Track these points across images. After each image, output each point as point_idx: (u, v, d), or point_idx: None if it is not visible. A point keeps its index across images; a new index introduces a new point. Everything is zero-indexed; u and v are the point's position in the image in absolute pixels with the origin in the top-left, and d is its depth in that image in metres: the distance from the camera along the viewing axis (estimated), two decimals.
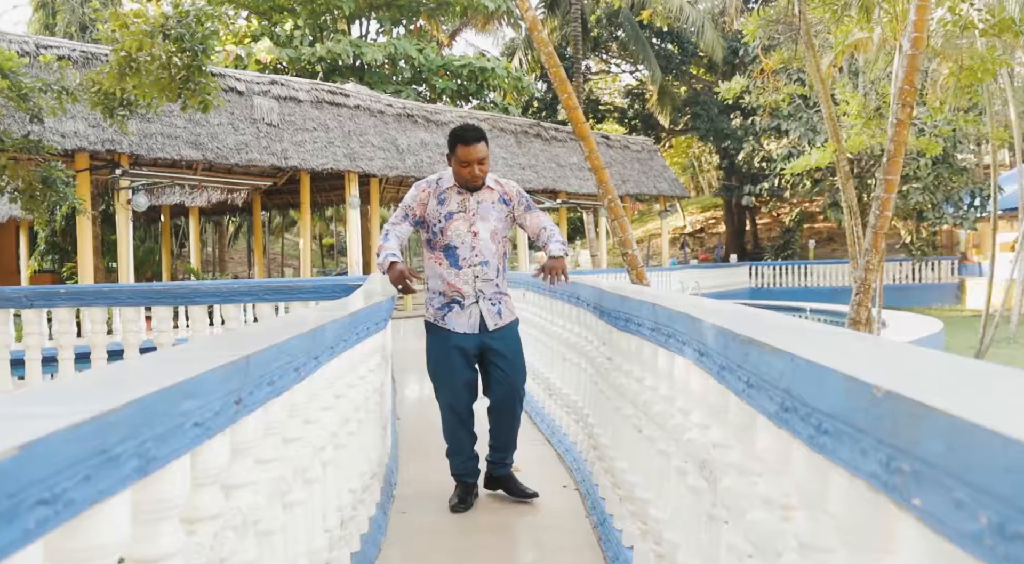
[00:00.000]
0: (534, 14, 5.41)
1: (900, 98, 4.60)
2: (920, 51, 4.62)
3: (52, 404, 1.00)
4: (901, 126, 4.54)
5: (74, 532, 0.98)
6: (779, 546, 1.43)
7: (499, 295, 3.81)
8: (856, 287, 5.17)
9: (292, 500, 2.02)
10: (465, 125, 3.78)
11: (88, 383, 1.18)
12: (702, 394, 2.02)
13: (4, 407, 0.97)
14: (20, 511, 0.80)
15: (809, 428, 1.14)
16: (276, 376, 1.72)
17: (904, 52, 4.59)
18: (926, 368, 1.03)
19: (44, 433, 0.82)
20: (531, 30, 5.32)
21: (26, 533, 0.82)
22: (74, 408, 0.94)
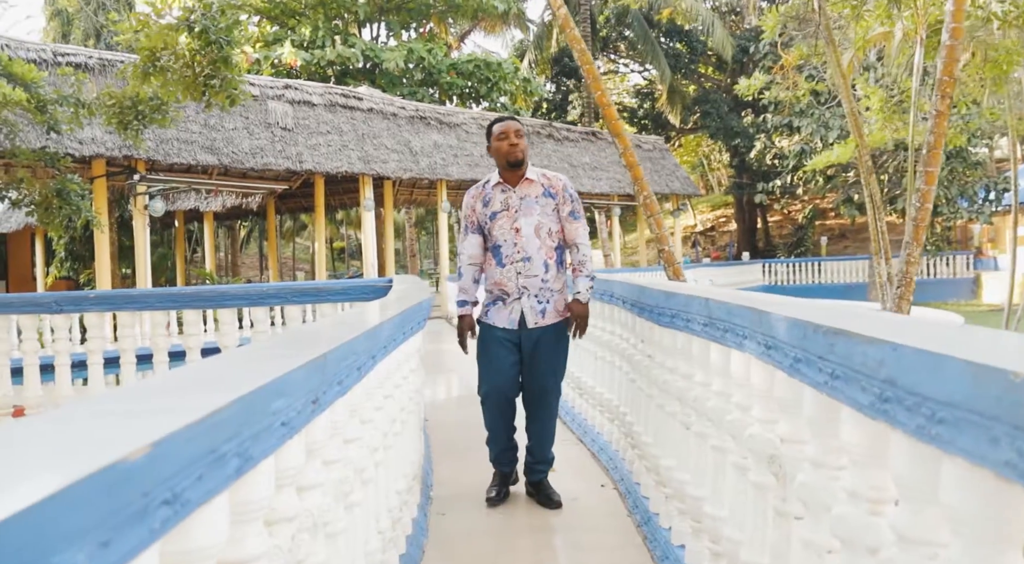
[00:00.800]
0: (566, 11, 5.38)
1: (939, 89, 4.56)
2: (959, 42, 4.58)
3: (162, 401, 0.98)
4: (941, 117, 4.51)
5: (182, 534, 0.96)
6: (870, 540, 1.40)
7: (548, 293, 3.74)
8: (897, 281, 5.12)
9: (353, 501, 2.01)
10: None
11: (185, 381, 1.17)
12: (767, 388, 1.99)
13: (117, 403, 0.95)
14: (149, 510, 0.78)
15: (918, 418, 1.11)
16: (344, 375, 1.70)
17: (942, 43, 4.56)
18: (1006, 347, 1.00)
19: (170, 430, 0.80)
20: (563, 27, 5.30)
21: (152, 533, 0.80)
22: (188, 404, 0.92)
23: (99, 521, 0.68)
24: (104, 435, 0.79)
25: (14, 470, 0.67)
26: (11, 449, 0.74)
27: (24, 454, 0.72)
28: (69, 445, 0.75)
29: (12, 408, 5.33)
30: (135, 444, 0.74)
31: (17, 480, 0.63)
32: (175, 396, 1.03)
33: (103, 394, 1.06)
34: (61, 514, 0.62)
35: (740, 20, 31.74)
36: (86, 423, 0.85)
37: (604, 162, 21.30)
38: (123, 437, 0.77)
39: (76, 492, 0.64)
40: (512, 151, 3.70)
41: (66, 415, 0.88)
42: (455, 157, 17.06)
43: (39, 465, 0.68)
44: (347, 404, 1.88)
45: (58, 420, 0.85)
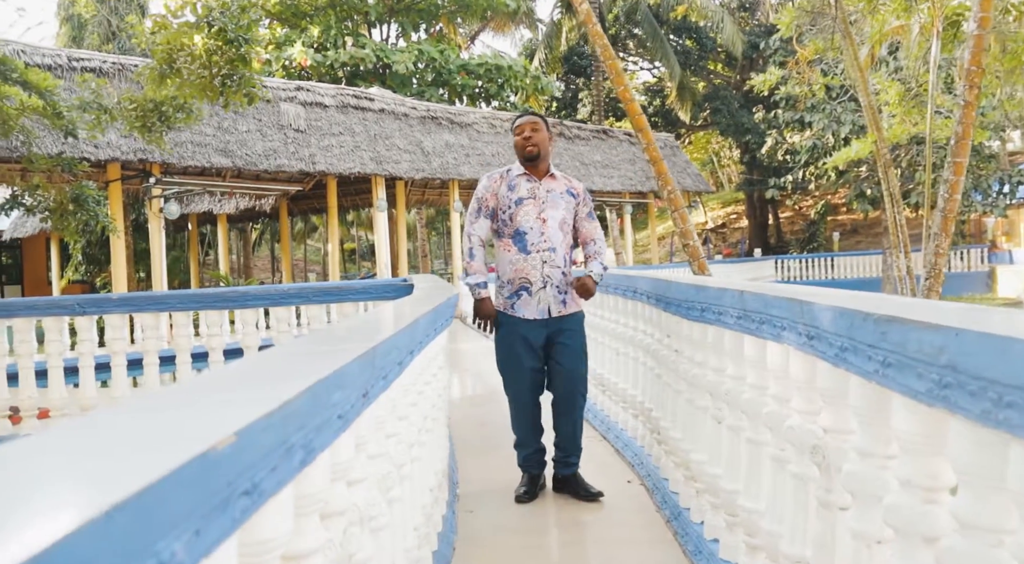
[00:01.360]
0: (588, 6, 5.36)
1: (967, 79, 4.53)
2: (987, 31, 4.55)
3: (231, 392, 0.98)
4: (969, 107, 4.48)
5: (253, 526, 0.96)
6: (925, 529, 1.39)
7: (565, 285, 3.81)
8: (927, 273, 5.09)
9: (393, 496, 2.01)
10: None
11: (247, 373, 1.17)
12: (807, 379, 1.98)
13: (188, 394, 0.95)
14: (231, 499, 0.78)
15: (984, 403, 1.10)
16: (388, 370, 1.70)
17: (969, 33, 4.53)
18: None
19: (249, 420, 0.80)
20: (585, 22, 5.28)
21: (233, 523, 0.80)
22: (258, 395, 0.92)
23: (193, 509, 0.68)
24: (191, 425, 0.79)
25: (114, 458, 0.67)
26: (106, 439, 0.74)
27: (120, 443, 0.72)
28: (161, 434, 0.75)
29: (37, 410, 5.37)
30: (222, 433, 0.74)
31: (119, 468, 0.64)
32: (248, 387, 1.03)
33: (176, 386, 1.06)
34: (163, 501, 0.62)
35: (750, 16, 31.63)
36: (175, 412, 0.85)
37: (615, 160, 21.27)
38: (210, 426, 0.77)
39: (175, 480, 0.64)
40: (525, 144, 3.78)
41: (150, 405, 0.88)
42: (467, 157, 17.07)
43: (135, 455, 0.68)
44: (389, 399, 1.88)
45: (144, 410, 0.85)
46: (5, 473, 0.63)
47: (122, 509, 0.56)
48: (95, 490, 0.57)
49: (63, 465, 0.65)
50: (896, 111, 9.23)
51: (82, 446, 0.70)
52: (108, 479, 0.60)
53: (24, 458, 0.67)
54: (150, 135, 8.18)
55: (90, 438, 0.73)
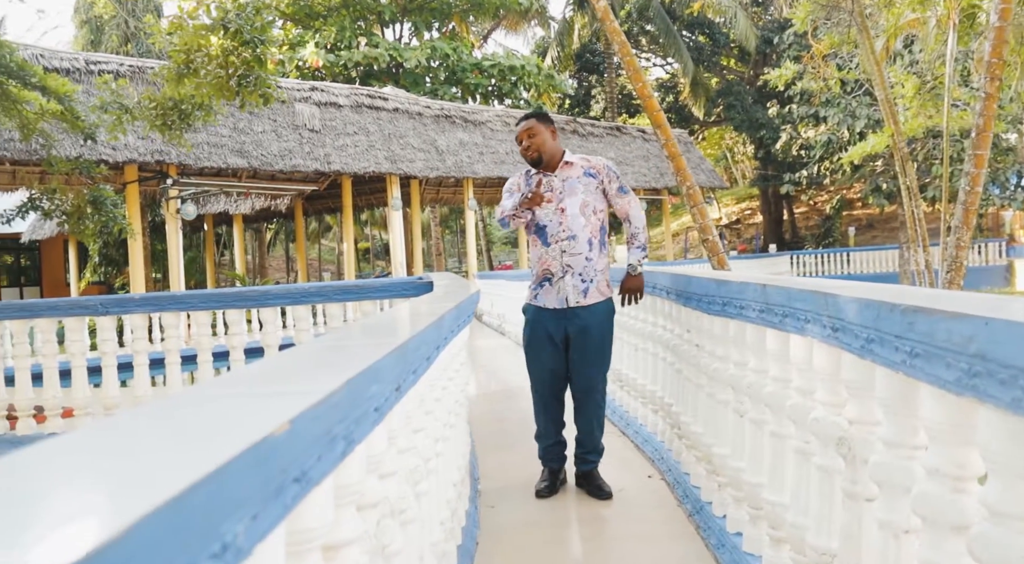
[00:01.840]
0: (606, 4, 5.36)
1: (988, 71, 4.50)
2: (1008, 23, 4.51)
3: (282, 384, 1.01)
4: (990, 100, 4.45)
5: (298, 514, 0.99)
6: (954, 517, 1.40)
7: (592, 271, 3.76)
8: (948, 266, 5.07)
9: (421, 490, 2.03)
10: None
11: (288, 367, 1.19)
12: (832, 371, 1.99)
13: (239, 386, 0.98)
14: (284, 486, 0.81)
15: (1015, 391, 1.12)
16: (417, 364, 1.73)
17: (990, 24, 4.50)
18: None
19: (300, 410, 0.83)
20: (603, 19, 5.29)
21: (284, 509, 0.82)
22: (305, 388, 0.94)
23: (253, 493, 0.71)
24: (248, 413, 0.82)
25: (179, 443, 0.69)
26: (168, 427, 0.76)
27: (181, 431, 0.75)
28: (221, 423, 0.78)
29: (61, 410, 5.43)
30: (277, 421, 0.77)
31: (185, 452, 0.66)
32: (291, 380, 1.05)
33: (225, 378, 1.09)
34: (228, 485, 0.64)
35: (763, 11, 31.48)
36: (227, 402, 0.88)
37: (629, 156, 21.25)
38: (264, 415, 0.79)
39: (239, 464, 0.66)
40: (525, 153, 3.83)
41: (203, 396, 0.90)
42: (481, 155, 17.10)
43: (199, 441, 0.71)
44: (417, 393, 1.91)
45: (197, 401, 0.87)
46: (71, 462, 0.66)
47: (194, 491, 0.59)
48: (168, 473, 0.59)
49: (137, 452, 0.68)
50: (912, 105, 9.16)
51: (150, 435, 0.73)
52: (179, 464, 0.63)
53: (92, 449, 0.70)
54: (170, 133, 8.25)
55: (156, 428, 0.76)
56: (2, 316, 5.38)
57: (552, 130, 3.86)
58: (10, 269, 24.10)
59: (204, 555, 0.61)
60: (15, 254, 24.00)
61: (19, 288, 23.77)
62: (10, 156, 10.38)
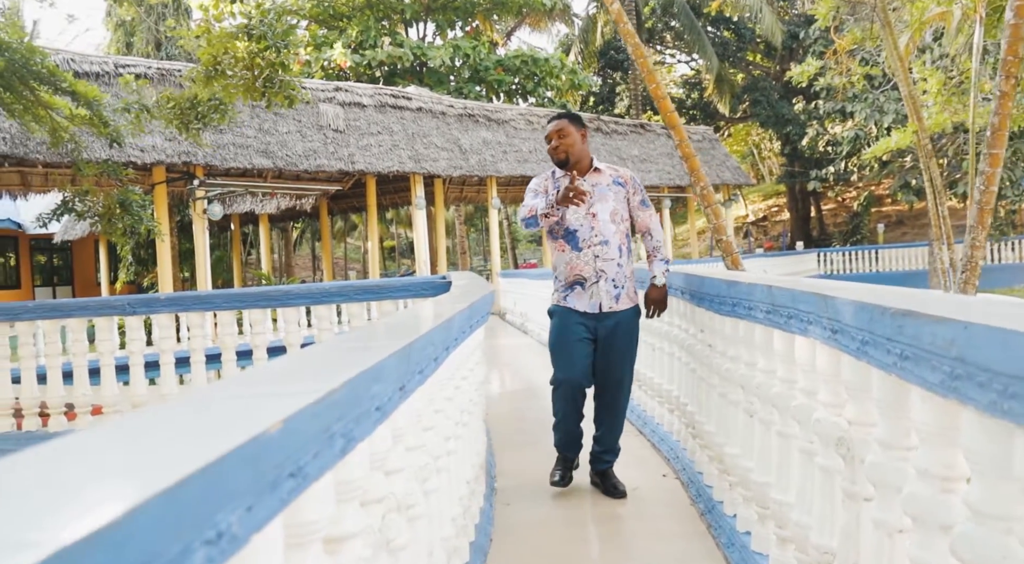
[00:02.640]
0: (619, 6, 5.40)
1: (1004, 69, 4.46)
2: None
3: (279, 385, 1.07)
4: (1006, 98, 4.42)
5: (298, 508, 1.05)
6: (943, 518, 1.43)
7: (622, 278, 3.80)
8: (963, 265, 5.04)
9: (429, 487, 2.09)
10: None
11: (292, 368, 1.26)
12: (833, 373, 2.02)
13: (239, 387, 1.04)
14: (279, 481, 0.86)
15: (990, 394, 1.15)
16: (424, 364, 1.78)
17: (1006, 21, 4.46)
18: None
19: (295, 409, 0.89)
20: (616, 21, 5.32)
21: (280, 503, 0.88)
22: (304, 388, 1.00)
23: (247, 487, 0.77)
24: (243, 413, 0.88)
25: (177, 440, 0.75)
26: (169, 425, 0.83)
27: (180, 429, 0.81)
28: (218, 421, 0.84)
29: (91, 407, 5.57)
30: (271, 420, 0.83)
31: (182, 448, 0.72)
32: (292, 381, 1.12)
33: (227, 380, 1.16)
34: (222, 478, 0.71)
35: (789, 5, 31.22)
36: (226, 403, 0.94)
37: (653, 154, 21.20)
38: (259, 414, 0.85)
39: (233, 459, 0.72)
40: (553, 152, 3.84)
41: (203, 397, 0.97)
42: (504, 154, 17.15)
43: (201, 437, 0.77)
44: (425, 393, 1.96)
45: (198, 402, 0.94)
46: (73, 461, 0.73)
47: (189, 482, 0.65)
48: (166, 467, 0.66)
49: (140, 448, 0.74)
50: (937, 100, 9.08)
51: (151, 433, 0.79)
52: (176, 459, 0.69)
53: (95, 446, 0.76)
54: (188, 132, 8.42)
55: (157, 427, 0.82)
56: (35, 316, 5.53)
57: (583, 133, 3.88)
58: (43, 269, 24.57)
59: (198, 540, 0.67)
60: (48, 254, 24.46)
61: (52, 287, 24.23)
62: (42, 159, 10.62)
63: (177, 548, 0.63)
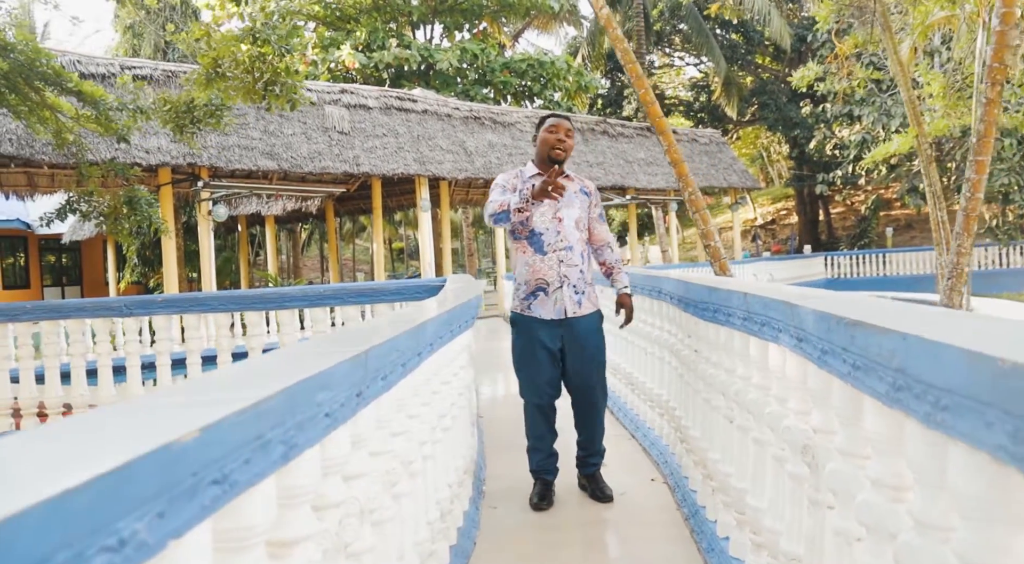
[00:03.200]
0: (608, 12, 5.41)
1: (989, 76, 4.44)
2: (1010, 27, 4.46)
3: (216, 392, 1.08)
4: (991, 105, 4.39)
5: (232, 513, 1.06)
6: (892, 526, 1.44)
7: (583, 283, 3.81)
8: (948, 272, 5.02)
9: (400, 491, 2.10)
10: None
11: (239, 375, 1.27)
12: (800, 380, 2.03)
13: (176, 395, 1.06)
14: (199, 488, 0.88)
15: (925, 405, 1.16)
16: (388, 371, 1.80)
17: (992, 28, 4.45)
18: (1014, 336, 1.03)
19: (218, 417, 0.90)
20: (606, 27, 5.33)
21: (203, 509, 0.90)
22: (237, 396, 1.02)
23: (155, 494, 0.78)
24: (163, 422, 0.89)
25: (86, 448, 0.77)
26: (85, 433, 0.84)
27: (95, 436, 0.83)
28: (133, 430, 0.86)
29: (88, 408, 5.61)
30: (187, 429, 0.84)
31: (89, 456, 0.74)
32: (228, 389, 1.13)
33: (166, 388, 1.18)
34: (123, 485, 0.72)
35: (798, 8, 31.14)
36: (149, 413, 0.96)
37: (660, 157, 21.16)
38: (178, 423, 0.87)
39: (136, 468, 0.74)
40: (559, 145, 3.78)
41: (134, 405, 0.98)
42: (510, 156, 17.16)
43: (108, 445, 0.78)
44: (393, 399, 1.98)
45: (126, 410, 0.95)
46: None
47: (82, 490, 0.66)
48: (64, 475, 0.67)
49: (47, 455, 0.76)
50: (940, 104, 9.03)
51: (65, 439, 0.81)
52: (78, 466, 0.70)
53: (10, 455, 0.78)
54: (182, 135, 8.47)
55: (75, 433, 0.84)
56: (33, 316, 5.57)
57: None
58: (52, 269, 24.74)
59: (95, 547, 0.69)
60: (57, 254, 24.63)
61: (61, 288, 24.40)
62: (47, 160, 10.69)
63: (67, 555, 0.65)
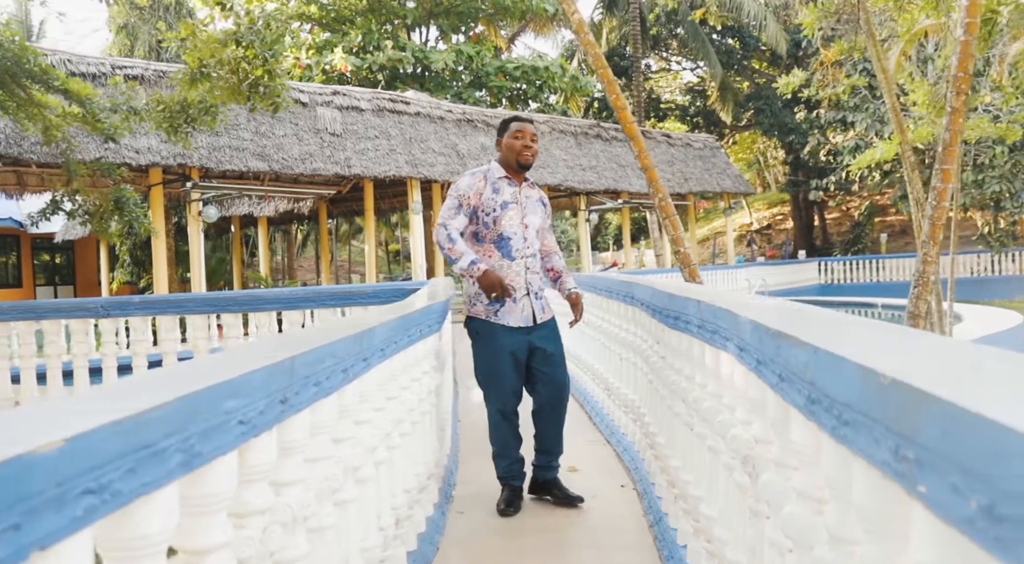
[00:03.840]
0: (580, 16, 5.42)
1: (954, 85, 4.44)
2: (973, 37, 4.46)
3: (102, 402, 1.07)
4: (956, 114, 4.40)
5: (123, 522, 1.05)
6: (811, 539, 1.43)
7: (542, 290, 3.88)
8: (914, 280, 5.02)
9: (344, 498, 2.09)
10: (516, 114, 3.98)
11: (139, 383, 1.26)
12: (744, 389, 2.02)
13: (59, 405, 1.05)
14: (68, 499, 0.87)
15: (832, 419, 1.15)
16: (323, 377, 1.78)
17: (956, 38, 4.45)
18: (939, 356, 1.02)
19: (88, 427, 0.89)
20: (577, 31, 5.33)
21: (75, 520, 0.89)
22: (121, 405, 1.01)
23: (6, 506, 0.77)
24: (28, 432, 0.88)
25: None
26: None
27: None
28: None
29: None
30: (50, 439, 0.83)
31: None
32: (120, 396, 1.12)
33: (56, 396, 1.16)
34: None
35: (794, 13, 31.18)
36: (21, 422, 0.94)
37: (654, 161, 21.18)
38: (44, 434, 0.85)
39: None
40: (525, 152, 3.76)
41: (16, 414, 0.97)
42: None
43: None
44: (334, 405, 1.96)
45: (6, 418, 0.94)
46: None
47: None
48: None
49: None
50: (925, 112, 9.05)
51: None
52: None
53: None
54: (176, 135, 8.45)
55: None
56: (9, 317, 5.55)
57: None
58: (45, 268, 24.69)
59: None
60: (51, 253, 24.59)
61: (54, 287, 24.35)
62: (36, 159, 10.68)
63: None
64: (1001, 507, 0.67)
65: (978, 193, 20.25)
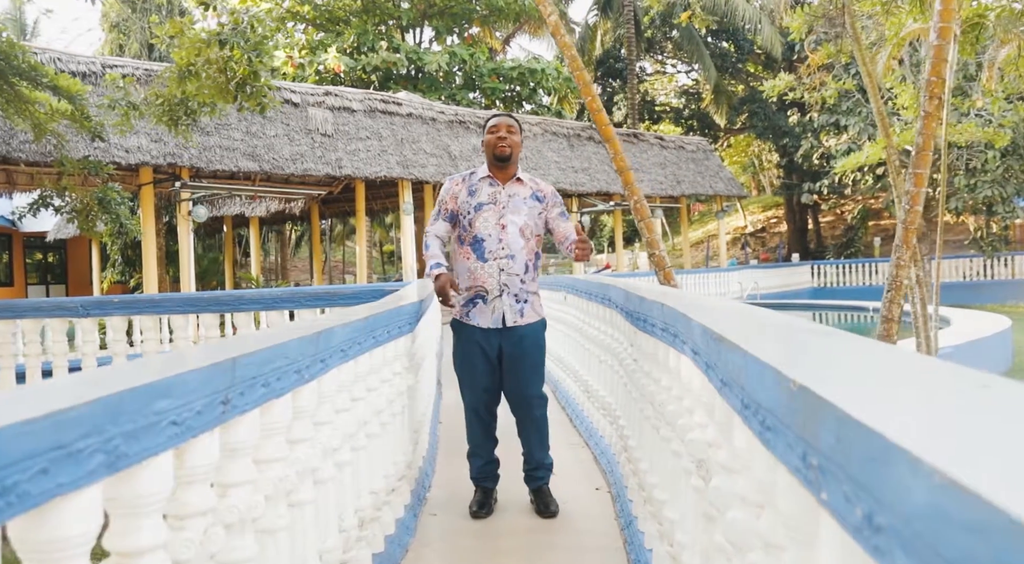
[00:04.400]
0: (556, 19, 5.39)
1: (927, 89, 4.45)
2: (946, 41, 4.47)
3: (15, 404, 1.06)
4: (929, 118, 4.39)
5: (37, 524, 1.04)
6: (749, 544, 1.42)
7: (525, 293, 3.74)
8: (887, 284, 5.02)
9: (300, 499, 2.08)
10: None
11: (63, 383, 1.25)
12: (700, 393, 2.02)
13: None
14: None
15: (758, 424, 1.15)
16: (273, 378, 1.77)
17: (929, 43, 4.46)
18: (861, 363, 1.02)
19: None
20: (553, 34, 5.31)
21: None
22: (35, 406, 1.00)
23: None
24: None
25: None
26: None
27: None
28: None
29: None
30: None
31: None
32: (38, 397, 1.11)
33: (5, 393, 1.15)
34: None
35: (780, 19, 31.23)
36: None
37: (646, 164, 21.20)
38: None
39: None
40: (499, 144, 3.70)
41: None
42: None
43: None
44: (287, 406, 1.95)
45: None
46: None
47: None
48: None
49: None
50: (911, 116, 9.05)
51: None
52: None
53: None
54: (177, 129, 8.43)
55: None
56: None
57: (521, 141, 3.84)
58: (38, 267, 24.62)
59: None
60: (43, 252, 24.52)
61: (46, 285, 24.28)
62: (25, 157, 10.64)
63: None
64: (878, 516, 0.66)
65: (970, 198, 20.29)
